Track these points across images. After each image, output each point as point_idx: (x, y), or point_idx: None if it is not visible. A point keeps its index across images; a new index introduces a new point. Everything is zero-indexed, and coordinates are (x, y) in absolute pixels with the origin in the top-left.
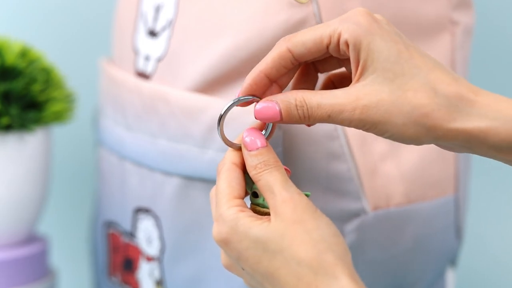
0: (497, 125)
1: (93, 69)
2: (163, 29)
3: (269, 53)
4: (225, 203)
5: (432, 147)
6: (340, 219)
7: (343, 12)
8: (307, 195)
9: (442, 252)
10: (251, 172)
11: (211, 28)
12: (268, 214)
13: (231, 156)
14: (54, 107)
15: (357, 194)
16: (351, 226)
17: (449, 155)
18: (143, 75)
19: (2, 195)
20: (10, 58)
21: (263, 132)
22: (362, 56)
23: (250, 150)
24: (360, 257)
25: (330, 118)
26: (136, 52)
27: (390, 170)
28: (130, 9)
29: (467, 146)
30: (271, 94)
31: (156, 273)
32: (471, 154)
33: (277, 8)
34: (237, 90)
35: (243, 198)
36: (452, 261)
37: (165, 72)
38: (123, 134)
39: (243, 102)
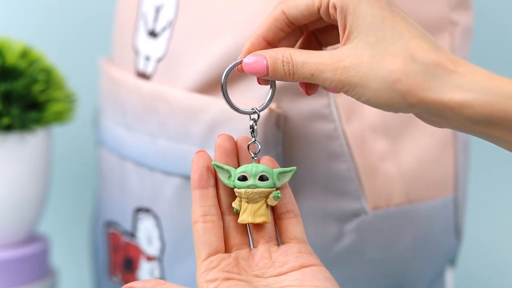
0: (473, 97)
1: (94, 69)
2: (163, 29)
3: (266, 16)
4: None
5: (431, 147)
6: (340, 219)
7: None
8: (292, 170)
9: (442, 252)
10: None
11: (211, 28)
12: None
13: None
14: (54, 107)
15: (357, 194)
16: (351, 226)
17: (449, 155)
18: (143, 76)
19: (2, 195)
20: (11, 59)
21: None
22: (348, 20)
23: None
24: (359, 256)
25: (313, 77)
26: (136, 52)
27: (390, 170)
28: (131, 10)
29: (444, 117)
30: None
31: (156, 273)
32: (469, 154)
33: None
34: (238, 91)
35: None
36: (452, 261)
37: (165, 72)
38: (123, 134)
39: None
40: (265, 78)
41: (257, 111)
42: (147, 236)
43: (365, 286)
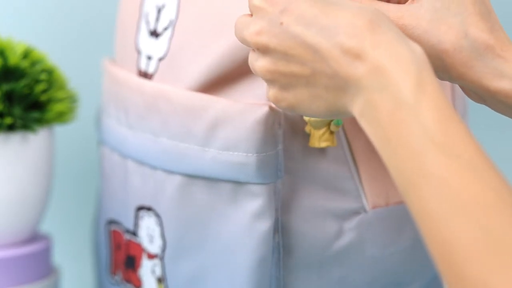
0: (510, 86)
1: (96, 70)
2: (165, 29)
3: None
4: None
5: None
6: (339, 217)
7: None
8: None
9: None
10: None
11: (212, 27)
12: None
13: None
14: (56, 107)
15: (357, 193)
16: (350, 224)
17: None
18: (145, 75)
19: (5, 194)
20: (13, 59)
21: None
22: None
23: None
24: (359, 254)
25: None
26: (138, 52)
27: None
28: (133, 10)
29: (482, 98)
30: None
31: (158, 271)
32: None
33: None
34: (239, 90)
35: None
36: None
37: (167, 71)
38: (125, 133)
39: None
40: None
41: None
42: (148, 234)
43: (364, 284)
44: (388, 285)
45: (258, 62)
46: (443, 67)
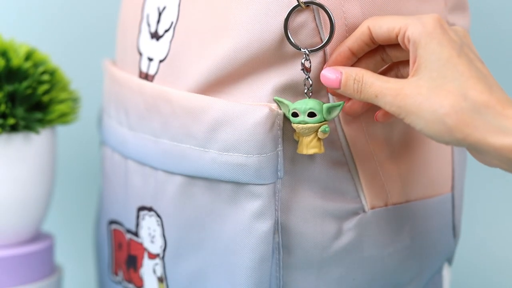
0: None
1: (98, 71)
2: (166, 31)
3: (356, 29)
4: None
5: (429, 147)
6: (338, 217)
7: (342, 15)
8: (340, 104)
9: (439, 250)
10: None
11: (212, 29)
12: (312, 130)
13: None
14: (59, 108)
15: (356, 193)
16: (349, 224)
17: (446, 155)
18: (146, 77)
19: (8, 194)
20: (16, 60)
21: None
22: (419, 54)
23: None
24: (358, 254)
25: (376, 98)
26: (140, 54)
27: (389, 170)
28: (134, 12)
29: (490, 156)
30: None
31: (159, 270)
32: (466, 154)
33: (277, 10)
34: (239, 91)
35: None
36: (449, 259)
37: (167, 73)
38: (126, 134)
39: None
40: (337, 90)
41: (307, 51)
42: (149, 234)
43: (363, 283)
44: (386, 285)
45: None
46: (448, 130)
